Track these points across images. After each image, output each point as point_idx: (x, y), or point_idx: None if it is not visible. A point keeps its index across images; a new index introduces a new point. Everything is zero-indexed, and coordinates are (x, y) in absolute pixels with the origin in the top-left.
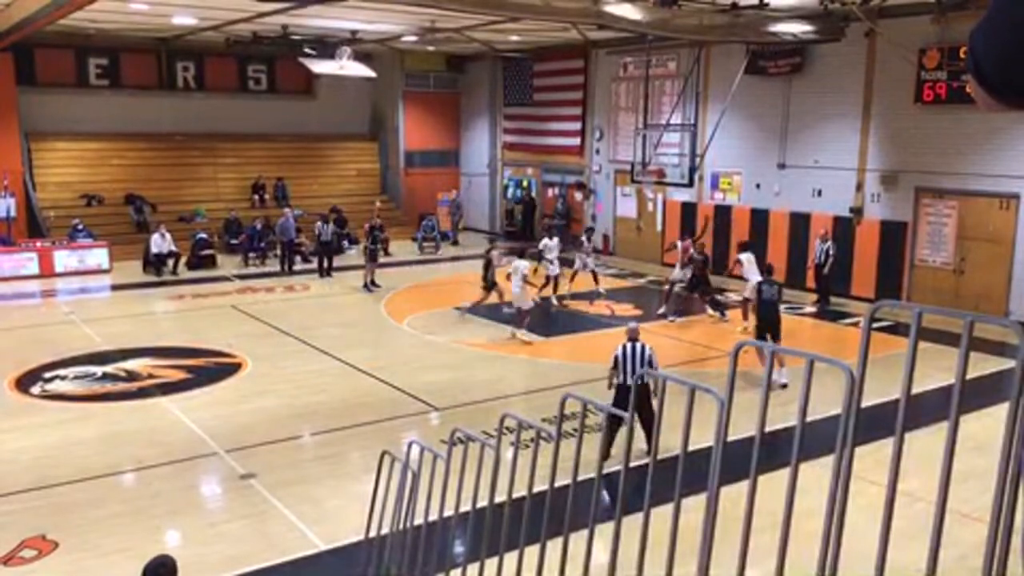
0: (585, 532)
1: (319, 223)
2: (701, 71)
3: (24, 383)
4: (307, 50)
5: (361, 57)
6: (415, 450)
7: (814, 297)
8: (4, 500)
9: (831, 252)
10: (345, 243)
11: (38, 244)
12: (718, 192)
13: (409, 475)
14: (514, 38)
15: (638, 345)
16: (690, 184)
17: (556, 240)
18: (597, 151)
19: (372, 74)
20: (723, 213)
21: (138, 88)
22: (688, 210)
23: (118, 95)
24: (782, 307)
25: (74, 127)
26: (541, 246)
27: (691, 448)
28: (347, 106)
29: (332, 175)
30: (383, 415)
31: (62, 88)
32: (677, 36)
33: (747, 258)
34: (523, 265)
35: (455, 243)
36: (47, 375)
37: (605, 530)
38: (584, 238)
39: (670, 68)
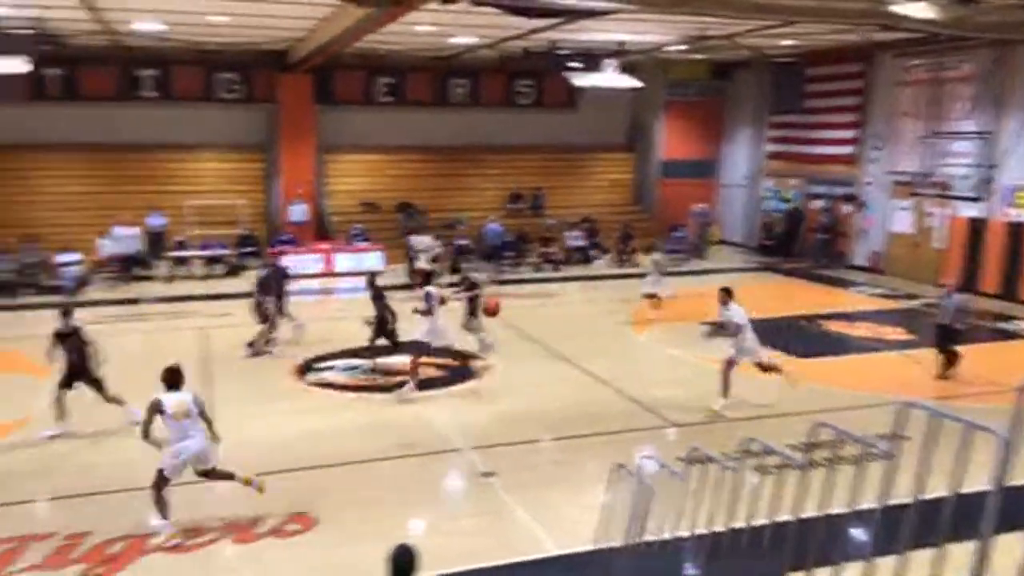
0: (828, 570)
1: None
2: (1001, 74)
3: (300, 371)
4: (572, 64)
5: (625, 68)
6: (651, 465)
7: None
8: (279, 477)
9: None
10: (593, 252)
11: (321, 246)
12: (1012, 208)
13: (644, 490)
14: (787, 42)
15: None
16: (981, 198)
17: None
18: (872, 160)
19: (639, 84)
20: (1015, 232)
21: (418, 104)
22: (977, 226)
23: (400, 111)
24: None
25: (361, 141)
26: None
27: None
28: (606, 117)
29: (588, 185)
30: (618, 427)
31: (353, 105)
32: (975, 36)
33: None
34: None
35: (703, 256)
36: (319, 365)
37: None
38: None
39: (964, 70)
